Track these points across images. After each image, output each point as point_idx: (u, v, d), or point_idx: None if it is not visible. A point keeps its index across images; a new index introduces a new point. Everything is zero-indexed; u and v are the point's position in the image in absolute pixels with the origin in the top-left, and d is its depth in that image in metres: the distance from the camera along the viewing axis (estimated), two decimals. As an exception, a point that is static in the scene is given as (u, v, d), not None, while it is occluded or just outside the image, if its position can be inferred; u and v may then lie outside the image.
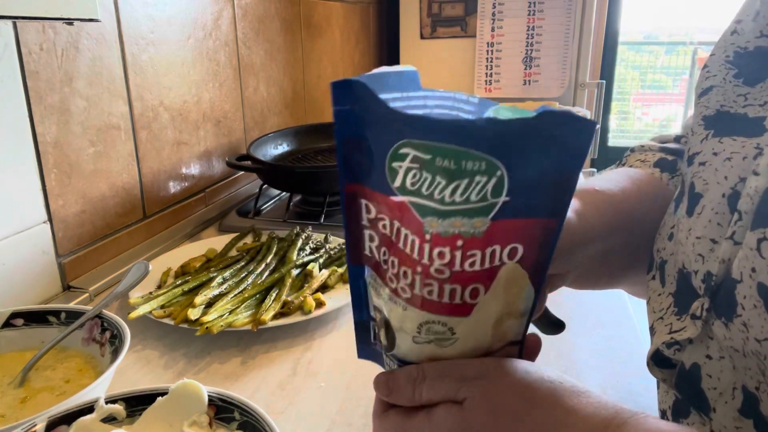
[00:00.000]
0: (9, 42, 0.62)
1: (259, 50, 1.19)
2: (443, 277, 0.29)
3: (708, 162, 0.38)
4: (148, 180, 0.88)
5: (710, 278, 0.34)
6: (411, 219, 0.29)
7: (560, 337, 0.64)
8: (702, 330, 0.35)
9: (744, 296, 0.31)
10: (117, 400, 0.42)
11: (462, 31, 1.92)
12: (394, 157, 0.28)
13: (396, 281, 0.31)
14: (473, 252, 0.29)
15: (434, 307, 0.30)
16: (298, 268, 0.74)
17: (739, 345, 0.32)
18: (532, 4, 1.80)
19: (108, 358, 0.52)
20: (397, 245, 0.30)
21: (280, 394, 0.54)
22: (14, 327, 0.56)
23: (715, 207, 0.36)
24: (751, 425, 0.32)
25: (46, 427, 0.39)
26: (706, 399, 0.35)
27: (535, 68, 1.85)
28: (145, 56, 0.85)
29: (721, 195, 0.36)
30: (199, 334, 0.59)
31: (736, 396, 0.33)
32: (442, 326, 0.31)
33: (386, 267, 0.31)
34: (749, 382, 0.32)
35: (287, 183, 1.02)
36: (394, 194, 0.29)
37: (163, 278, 0.73)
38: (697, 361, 0.35)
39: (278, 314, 0.64)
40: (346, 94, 0.28)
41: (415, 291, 0.30)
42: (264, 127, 1.24)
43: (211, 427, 0.41)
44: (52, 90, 0.69)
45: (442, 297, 0.30)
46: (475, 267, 0.29)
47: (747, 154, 0.36)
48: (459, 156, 0.27)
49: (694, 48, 4.40)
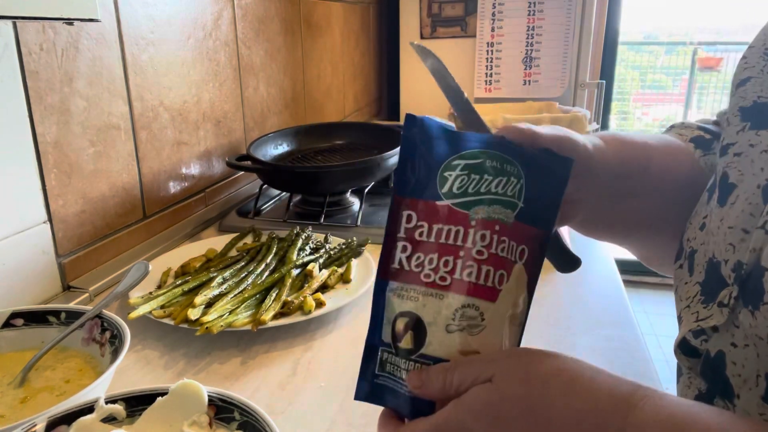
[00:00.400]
0: (9, 42, 0.62)
1: (259, 50, 1.19)
2: (483, 258, 0.36)
3: (744, 153, 0.39)
4: (148, 180, 0.88)
5: (740, 267, 0.35)
6: (454, 215, 0.37)
7: (560, 337, 0.64)
8: (728, 318, 0.35)
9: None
10: (117, 400, 0.42)
11: (462, 31, 1.92)
12: (447, 168, 0.37)
13: (435, 274, 0.36)
14: (504, 238, 0.36)
15: (471, 290, 0.36)
16: (298, 268, 0.74)
17: (764, 333, 0.32)
18: (532, 4, 1.80)
19: (108, 358, 0.52)
20: (438, 242, 0.37)
21: (280, 394, 0.54)
22: (14, 327, 0.56)
23: (750, 198, 0.37)
24: None
25: (46, 427, 0.39)
26: (730, 386, 0.35)
27: (535, 68, 1.85)
28: (145, 56, 0.85)
29: (756, 186, 0.36)
30: (199, 334, 0.59)
31: (759, 383, 0.33)
32: (475, 310, 0.36)
33: (419, 270, 0.37)
34: None
35: (287, 183, 1.02)
36: (440, 199, 0.37)
37: (163, 278, 0.73)
38: (723, 348, 0.36)
39: (278, 314, 0.64)
40: (413, 123, 0.38)
41: (455, 276, 0.36)
42: (264, 127, 1.24)
43: (211, 427, 0.41)
44: (52, 90, 0.69)
45: (479, 278, 0.36)
46: (505, 253, 0.36)
47: None
48: (503, 160, 0.37)
49: (694, 48, 4.40)
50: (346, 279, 0.74)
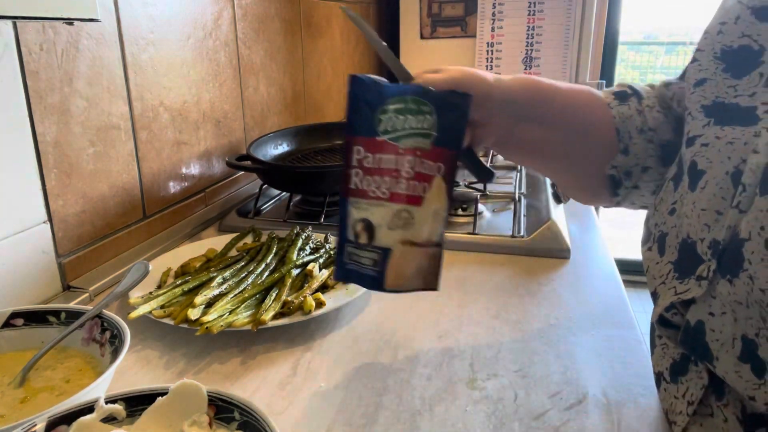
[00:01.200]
0: (9, 42, 0.62)
1: (259, 50, 1.19)
2: (409, 175, 0.51)
3: (711, 144, 0.44)
4: (148, 180, 0.88)
5: (717, 244, 0.40)
6: (388, 147, 0.50)
7: (561, 337, 0.64)
8: (706, 290, 0.40)
9: (752, 252, 0.36)
10: (117, 400, 0.42)
11: (462, 31, 1.92)
12: (381, 112, 0.51)
13: (378, 190, 0.51)
14: (423, 160, 0.50)
15: (403, 199, 0.50)
16: (298, 268, 0.74)
17: (743, 297, 0.37)
18: (532, 4, 1.80)
19: (108, 358, 0.52)
20: (378, 168, 0.51)
21: (280, 394, 0.54)
22: (14, 327, 0.56)
23: (720, 183, 0.42)
24: (748, 369, 0.38)
25: (46, 427, 0.39)
26: (710, 350, 0.40)
27: (535, 68, 1.85)
28: (145, 56, 0.85)
29: (725, 173, 0.42)
30: (199, 334, 0.59)
31: (735, 345, 0.39)
32: (407, 213, 0.51)
33: (368, 188, 0.51)
34: (749, 330, 0.37)
35: (287, 183, 1.02)
36: (378, 135, 0.51)
37: (163, 278, 0.73)
38: (701, 318, 0.41)
39: (278, 314, 0.64)
40: (355, 81, 0.52)
41: (392, 190, 0.50)
42: (264, 127, 1.24)
43: (211, 427, 0.41)
44: (52, 90, 0.69)
45: (408, 190, 0.51)
46: (425, 170, 0.51)
47: (747, 141, 0.41)
48: (419, 103, 0.51)
49: (695, 48, 4.39)
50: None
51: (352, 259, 0.52)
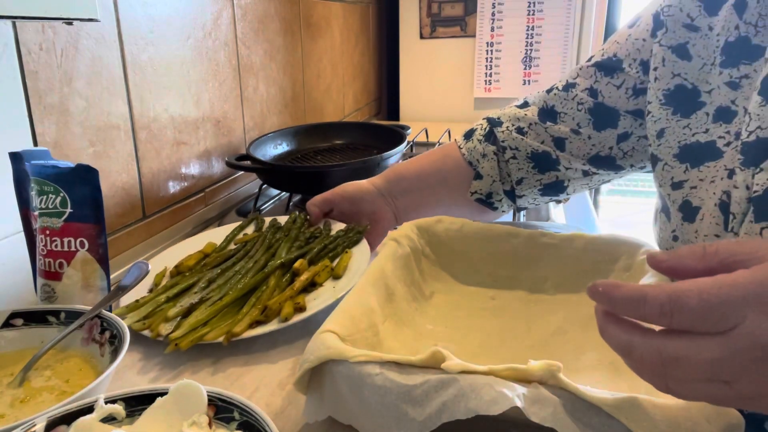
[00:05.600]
0: (8, 42, 0.62)
1: (258, 50, 1.19)
2: (44, 253, 0.58)
3: (698, 186, 0.52)
4: (148, 180, 0.88)
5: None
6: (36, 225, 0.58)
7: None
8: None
9: None
10: (117, 400, 0.42)
11: (462, 31, 1.92)
12: (31, 188, 0.58)
13: (48, 267, 0.58)
14: (55, 238, 0.57)
15: (44, 274, 0.58)
16: (286, 265, 0.70)
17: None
18: (531, 4, 1.80)
19: (108, 358, 0.52)
20: (41, 245, 0.58)
21: (280, 394, 0.54)
22: (14, 327, 0.55)
23: (713, 213, 0.50)
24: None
25: (45, 427, 0.39)
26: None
27: (535, 68, 1.85)
28: (145, 56, 0.85)
29: (714, 205, 0.50)
30: (167, 351, 0.58)
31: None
32: (48, 287, 0.58)
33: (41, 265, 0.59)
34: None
35: (287, 183, 1.02)
36: (35, 211, 0.58)
37: (157, 280, 0.71)
38: None
39: (254, 323, 0.61)
40: (17, 159, 0.59)
41: (37, 266, 0.59)
42: (263, 127, 1.24)
43: (211, 427, 0.41)
44: (52, 90, 0.69)
45: (44, 267, 0.58)
46: (58, 248, 0.57)
47: (722, 176, 0.50)
48: (42, 184, 0.57)
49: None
50: (336, 275, 0.69)
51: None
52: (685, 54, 0.56)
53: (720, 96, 0.53)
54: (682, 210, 0.54)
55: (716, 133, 0.52)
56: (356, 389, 0.41)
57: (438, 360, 0.40)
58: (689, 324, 0.29)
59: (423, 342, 0.57)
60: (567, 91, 0.70)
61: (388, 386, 0.40)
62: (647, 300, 0.30)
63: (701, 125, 0.54)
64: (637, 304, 0.31)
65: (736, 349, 0.28)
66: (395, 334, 0.56)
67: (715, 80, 0.53)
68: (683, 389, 0.30)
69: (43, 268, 0.58)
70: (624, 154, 0.68)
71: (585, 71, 0.70)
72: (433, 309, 0.63)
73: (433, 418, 0.38)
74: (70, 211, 0.55)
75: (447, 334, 0.58)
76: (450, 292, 0.66)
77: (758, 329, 0.28)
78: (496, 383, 0.38)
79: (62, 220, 0.56)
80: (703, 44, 0.55)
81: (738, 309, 0.28)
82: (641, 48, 0.63)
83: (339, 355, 0.42)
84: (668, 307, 0.29)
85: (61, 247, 0.57)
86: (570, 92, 0.70)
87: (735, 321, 0.28)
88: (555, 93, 0.72)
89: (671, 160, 0.56)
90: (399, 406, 0.40)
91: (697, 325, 0.29)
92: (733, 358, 0.28)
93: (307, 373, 0.45)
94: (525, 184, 0.74)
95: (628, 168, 0.70)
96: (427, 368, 0.41)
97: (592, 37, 1.77)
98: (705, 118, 0.53)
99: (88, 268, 0.58)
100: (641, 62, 0.63)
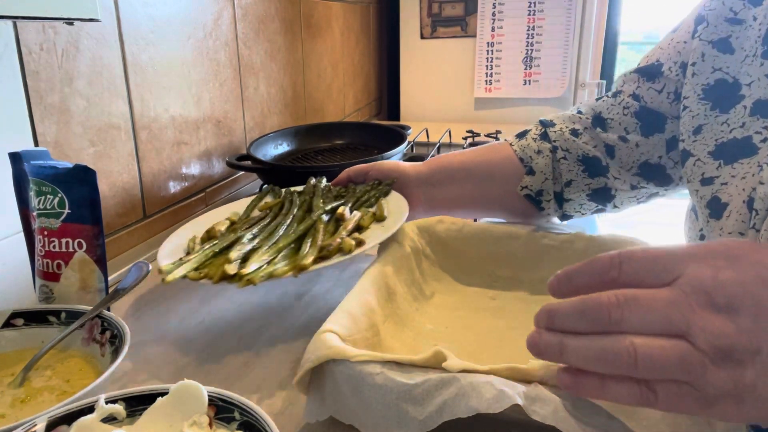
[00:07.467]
0: (9, 42, 0.62)
1: (259, 50, 1.19)
2: (42, 254, 0.57)
3: (729, 182, 0.51)
4: (148, 180, 0.88)
5: None
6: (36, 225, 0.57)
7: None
8: None
9: None
10: (117, 400, 0.42)
11: (462, 31, 1.92)
12: (30, 189, 0.57)
13: (48, 268, 0.58)
14: (53, 239, 0.56)
15: (42, 274, 0.58)
16: (328, 214, 0.71)
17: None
18: (532, 4, 1.80)
19: (108, 358, 0.52)
20: (41, 246, 0.58)
21: (281, 394, 0.54)
22: (14, 327, 0.55)
23: (739, 210, 0.49)
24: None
25: (46, 427, 0.39)
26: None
27: (536, 68, 1.85)
28: (145, 56, 0.85)
29: (742, 202, 0.49)
30: (240, 287, 0.56)
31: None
32: (47, 288, 0.58)
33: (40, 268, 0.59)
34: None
35: (287, 183, 1.02)
36: (34, 211, 0.57)
37: (190, 245, 0.69)
38: None
39: (317, 258, 0.61)
40: (16, 159, 0.59)
41: (36, 266, 0.58)
42: (264, 127, 1.24)
43: (211, 427, 0.41)
44: (52, 90, 0.69)
45: (42, 267, 0.58)
46: (56, 249, 0.57)
47: (754, 172, 0.49)
48: (40, 185, 0.56)
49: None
50: (378, 217, 0.70)
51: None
52: (728, 47, 0.54)
53: (759, 89, 0.51)
54: (709, 206, 0.53)
55: (753, 127, 0.50)
56: (357, 389, 0.41)
57: (440, 360, 0.40)
58: (635, 273, 0.33)
59: (423, 342, 0.57)
60: (615, 98, 0.70)
61: (388, 385, 0.40)
62: (598, 257, 0.34)
63: (738, 119, 0.52)
64: (590, 263, 0.34)
65: (683, 293, 0.31)
66: (395, 334, 0.56)
67: (755, 72, 0.51)
68: (647, 356, 0.30)
69: (42, 269, 0.58)
70: (675, 164, 0.67)
71: (629, 77, 0.69)
72: (433, 309, 0.63)
73: (434, 416, 0.38)
74: (67, 212, 0.54)
75: (447, 334, 0.58)
76: (450, 292, 0.66)
77: (701, 274, 0.31)
78: (496, 382, 0.38)
79: (60, 221, 0.55)
80: (746, 36, 0.53)
81: (679, 261, 0.32)
82: (682, 50, 0.62)
83: (340, 354, 0.42)
84: (617, 259, 0.33)
85: (59, 247, 0.57)
86: (617, 98, 0.70)
87: (678, 271, 0.32)
88: (604, 100, 0.71)
89: (705, 156, 0.55)
90: (400, 405, 0.40)
91: (643, 275, 0.32)
92: (680, 303, 0.31)
93: (307, 373, 0.45)
94: (573, 186, 0.72)
95: (677, 181, 0.69)
96: (428, 368, 0.41)
97: (592, 37, 1.77)
98: (743, 111, 0.52)
99: (86, 269, 0.57)
100: (681, 64, 0.62)
